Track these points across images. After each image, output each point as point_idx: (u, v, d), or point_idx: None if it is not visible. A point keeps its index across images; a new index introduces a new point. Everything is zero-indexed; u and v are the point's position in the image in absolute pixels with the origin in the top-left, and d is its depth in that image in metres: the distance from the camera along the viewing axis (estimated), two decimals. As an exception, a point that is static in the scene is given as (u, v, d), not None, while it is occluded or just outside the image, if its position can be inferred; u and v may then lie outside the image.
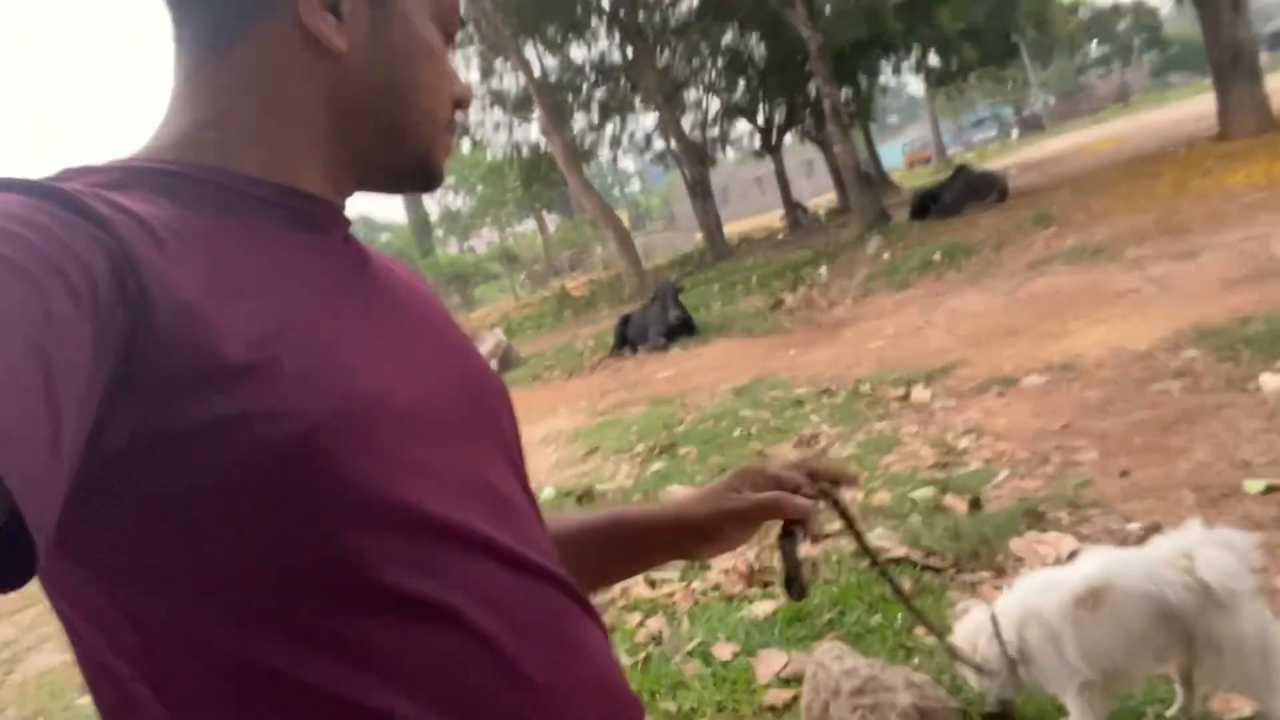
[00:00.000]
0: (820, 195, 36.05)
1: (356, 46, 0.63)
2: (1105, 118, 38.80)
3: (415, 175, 0.70)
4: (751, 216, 44.09)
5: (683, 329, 9.80)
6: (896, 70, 24.81)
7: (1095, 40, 51.99)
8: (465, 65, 22.21)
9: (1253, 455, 3.15)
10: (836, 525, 0.93)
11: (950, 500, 3.44)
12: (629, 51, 20.96)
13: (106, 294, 0.47)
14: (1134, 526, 2.90)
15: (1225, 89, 12.74)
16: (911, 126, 65.09)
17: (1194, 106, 19.85)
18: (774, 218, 30.93)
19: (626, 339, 10.27)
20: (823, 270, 11.98)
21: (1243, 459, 3.15)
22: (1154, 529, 2.72)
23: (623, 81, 22.85)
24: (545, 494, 4.93)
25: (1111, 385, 4.34)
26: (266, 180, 0.61)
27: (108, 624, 0.53)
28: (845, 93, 20.53)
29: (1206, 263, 6.17)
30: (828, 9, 16.56)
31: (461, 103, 0.71)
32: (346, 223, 0.68)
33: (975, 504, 3.36)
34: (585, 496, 4.79)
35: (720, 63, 23.98)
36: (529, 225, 45.91)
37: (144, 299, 0.49)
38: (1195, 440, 3.43)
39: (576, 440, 6.47)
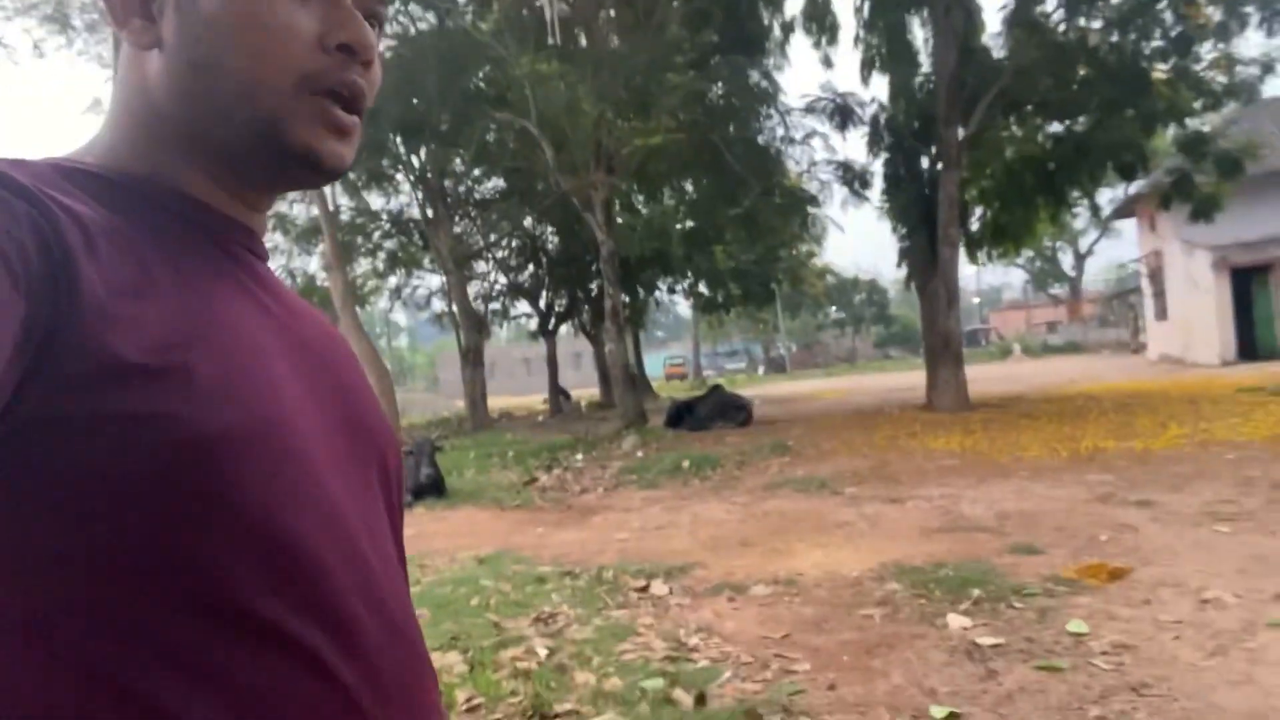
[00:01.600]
0: (584, 388, 37.34)
1: (167, 37, 0.62)
2: (835, 372, 43.94)
3: (276, 157, 0.64)
4: (515, 395, 44.62)
5: (432, 489, 9.55)
6: (672, 290, 27.04)
7: (835, 306, 59.58)
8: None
9: (939, 684, 3.54)
10: None
11: (679, 694, 3.53)
12: (429, 211, 21.37)
13: (39, 280, 0.49)
14: (838, 736, 3.12)
15: (934, 368, 14.98)
16: (675, 343, 70.32)
17: (908, 377, 23.03)
18: (537, 400, 31.54)
19: (370, 490, 9.81)
20: (579, 456, 12.27)
21: (931, 686, 3.52)
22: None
23: (416, 238, 23.11)
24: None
25: (826, 605, 4.73)
26: (182, 193, 0.63)
27: None
28: (624, 298, 21.91)
29: (910, 510, 7.02)
30: (622, 220, 17.95)
31: (357, 49, 0.64)
32: (262, 248, 0.70)
33: (701, 699, 3.48)
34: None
35: (514, 244, 25.00)
36: (282, 355, 43.47)
37: (71, 290, 0.50)
38: (892, 665, 3.80)
39: (298, 586, 5.99)
